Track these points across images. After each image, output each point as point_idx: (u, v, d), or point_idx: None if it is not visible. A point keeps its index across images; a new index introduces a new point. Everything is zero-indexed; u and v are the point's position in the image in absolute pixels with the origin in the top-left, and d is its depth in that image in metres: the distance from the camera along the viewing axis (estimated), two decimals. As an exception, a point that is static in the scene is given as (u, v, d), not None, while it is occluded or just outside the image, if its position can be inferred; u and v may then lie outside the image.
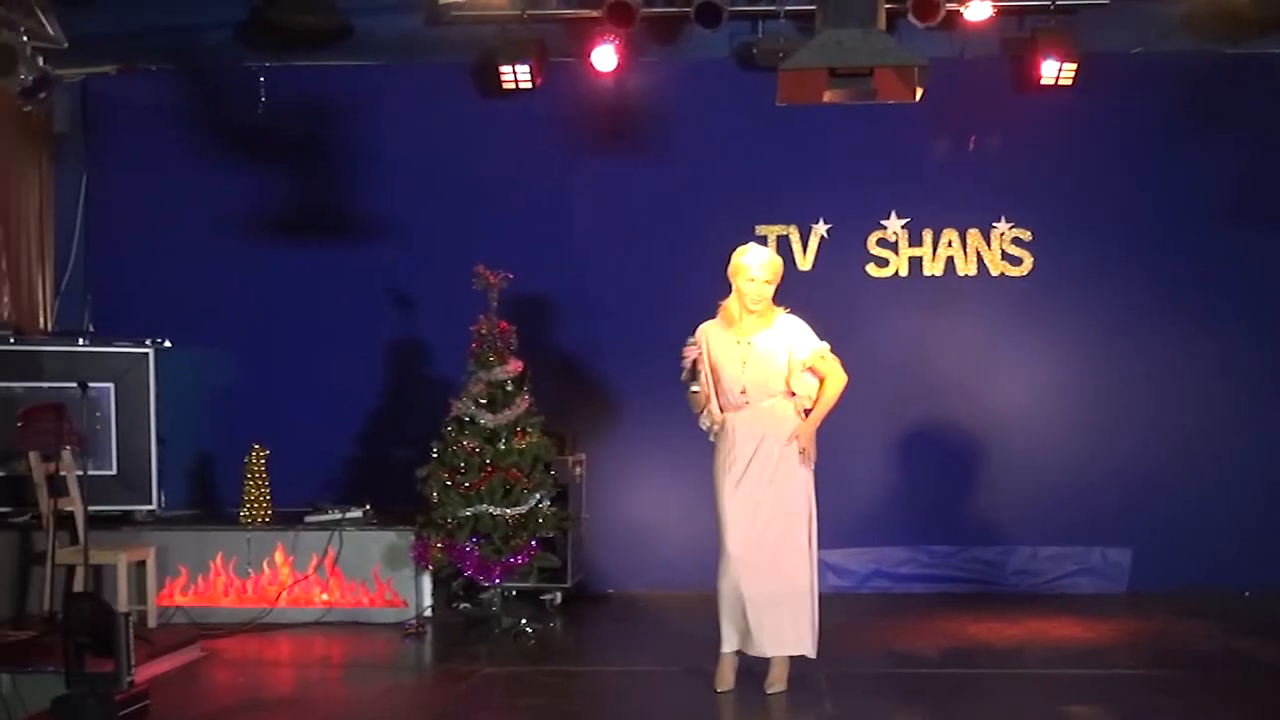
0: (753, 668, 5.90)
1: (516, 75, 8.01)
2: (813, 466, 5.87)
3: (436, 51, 8.31)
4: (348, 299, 8.47)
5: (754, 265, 5.83)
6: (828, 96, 5.84)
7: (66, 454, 6.89)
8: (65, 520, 6.95)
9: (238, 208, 8.50)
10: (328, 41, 8.05)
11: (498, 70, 8.04)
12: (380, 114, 8.43)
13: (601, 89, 8.28)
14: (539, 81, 8.12)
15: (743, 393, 5.83)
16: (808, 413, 5.89)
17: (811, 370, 5.89)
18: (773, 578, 5.76)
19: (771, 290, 5.86)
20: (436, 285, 8.15)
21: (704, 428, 5.97)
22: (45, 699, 5.50)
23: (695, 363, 5.81)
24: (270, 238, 8.46)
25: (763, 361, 5.83)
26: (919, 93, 5.88)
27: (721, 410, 5.90)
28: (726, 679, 5.89)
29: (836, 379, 5.89)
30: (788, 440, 5.81)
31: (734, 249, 5.93)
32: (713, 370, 5.89)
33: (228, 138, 8.49)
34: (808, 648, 5.82)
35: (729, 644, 5.87)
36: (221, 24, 8.10)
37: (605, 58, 8.00)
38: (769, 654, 5.82)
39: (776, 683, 5.84)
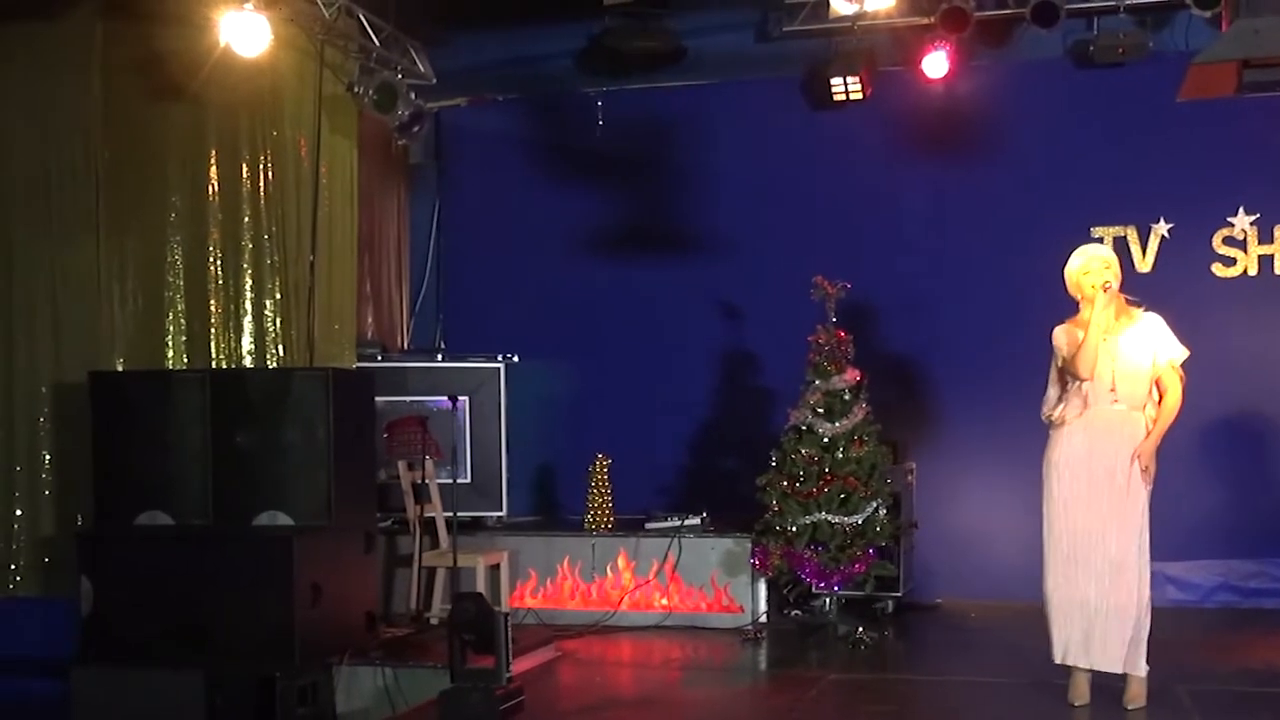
0: (1107, 684, 5.73)
1: (847, 86, 8.06)
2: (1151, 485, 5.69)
3: (766, 67, 8.48)
4: (681, 312, 8.71)
5: (1085, 259, 5.72)
6: (1240, 88, 5.61)
7: (429, 463, 7.39)
8: (427, 525, 7.46)
9: (577, 227, 8.90)
10: (661, 64, 8.33)
11: (828, 83, 8.10)
12: (712, 131, 8.65)
13: (932, 96, 8.23)
14: (869, 92, 8.14)
15: (1112, 390, 5.67)
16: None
17: (1155, 381, 5.73)
18: (1115, 591, 5.59)
19: (1114, 276, 5.69)
20: (765, 297, 8.31)
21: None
22: (425, 693, 5.93)
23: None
24: (608, 255, 8.82)
25: (1129, 359, 5.67)
26: None
27: (1083, 406, 5.75)
28: (1082, 693, 5.76)
29: (1177, 394, 5.70)
30: (1130, 459, 5.64)
31: (1070, 252, 5.80)
32: (1071, 369, 5.78)
33: (568, 161, 8.89)
34: (1140, 665, 5.63)
35: (1060, 654, 5.73)
36: (563, 54, 8.53)
37: (936, 64, 7.94)
38: (1106, 669, 5.66)
39: (1135, 699, 5.66)
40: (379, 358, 8.17)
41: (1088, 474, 5.68)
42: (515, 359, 8.18)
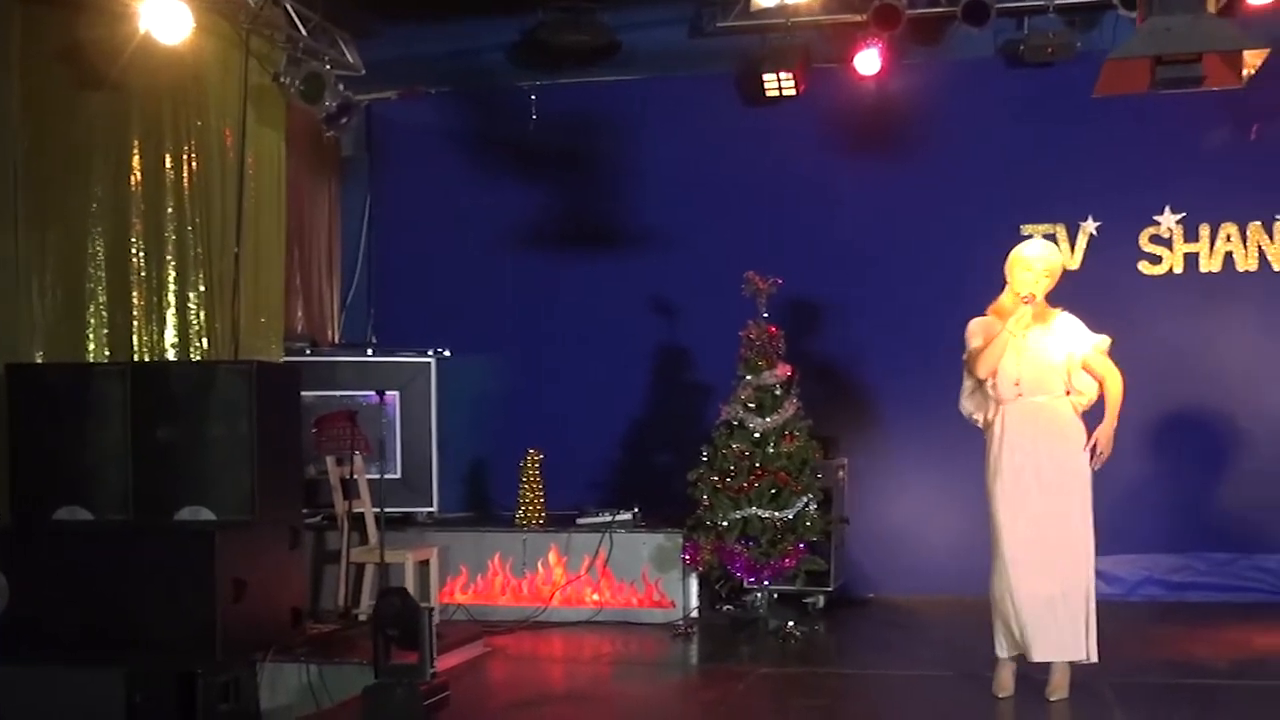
0: (1030, 674, 5.79)
1: (780, 83, 8.08)
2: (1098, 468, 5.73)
3: (700, 63, 8.48)
4: (615, 307, 8.70)
5: (1033, 257, 5.76)
6: (1151, 86, 5.68)
7: (358, 459, 7.31)
8: (356, 521, 7.38)
9: (511, 222, 8.85)
10: (595, 58, 8.31)
11: (761, 79, 8.12)
12: (646, 126, 8.63)
13: (864, 93, 8.28)
14: (802, 88, 8.16)
15: (1016, 384, 5.74)
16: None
17: (1087, 369, 5.78)
18: (1050, 581, 5.64)
19: (1047, 286, 5.76)
20: (699, 292, 8.31)
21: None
22: (350, 689, 5.85)
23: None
24: (541, 250, 8.79)
25: (1039, 357, 5.74)
26: (1247, 75, 5.66)
27: (997, 403, 5.82)
28: (1006, 685, 5.80)
29: (1116, 376, 5.78)
30: (1086, 447, 5.70)
31: (1000, 249, 5.86)
32: (970, 363, 5.83)
33: (501, 155, 8.84)
34: (1089, 652, 5.69)
35: (1004, 649, 5.79)
36: (495, 47, 8.49)
37: (869, 62, 7.99)
38: (1047, 659, 5.71)
39: (1058, 690, 5.71)
40: (308, 351, 8.08)
41: (1016, 470, 5.73)
42: (447, 353, 8.13)
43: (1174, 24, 5.38)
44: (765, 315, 7.34)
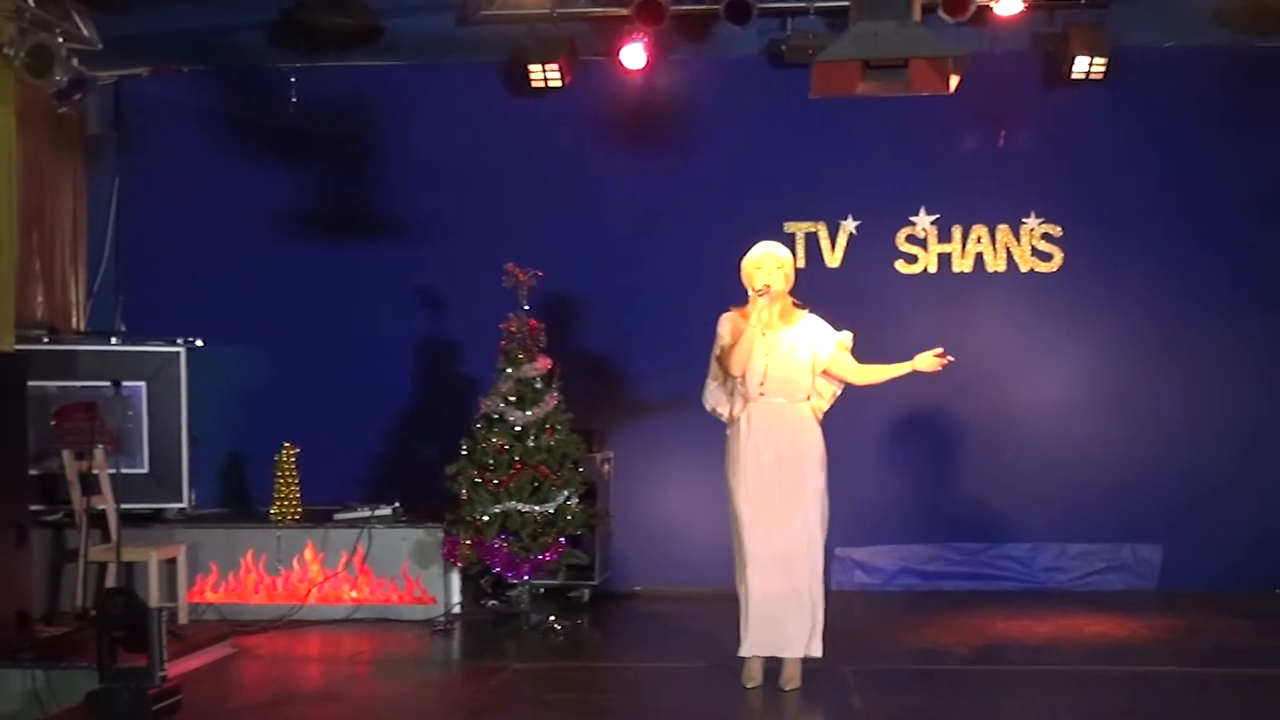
0: (774, 665, 5.90)
1: (546, 74, 8.04)
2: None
3: (466, 51, 8.35)
4: (378, 297, 8.52)
5: (759, 256, 5.89)
6: (861, 89, 5.82)
7: (99, 452, 6.95)
8: (97, 518, 7.03)
9: (270, 207, 8.56)
10: (358, 42, 8.09)
11: (527, 70, 8.07)
12: (410, 114, 8.48)
13: (631, 87, 8.31)
14: (568, 80, 8.15)
15: (762, 384, 5.83)
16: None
17: (830, 374, 5.92)
18: (784, 579, 5.76)
19: (782, 280, 5.86)
20: (467, 283, 8.18)
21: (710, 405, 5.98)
22: (78, 695, 5.57)
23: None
24: (302, 237, 8.53)
25: (788, 358, 5.85)
26: (954, 83, 5.86)
27: (744, 401, 5.89)
28: (755, 675, 5.90)
29: (860, 369, 5.95)
30: (800, 449, 5.81)
31: (759, 245, 5.97)
32: (724, 361, 5.91)
33: (259, 138, 8.55)
34: (816, 648, 5.81)
35: (749, 648, 5.88)
36: (253, 25, 8.16)
37: (635, 56, 8.01)
38: (782, 655, 5.83)
39: (791, 680, 5.85)
40: (45, 340, 7.64)
41: (758, 467, 5.82)
42: (199, 343, 7.80)
43: (881, 29, 5.57)
44: (526, 308, 7.29)
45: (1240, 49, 8.07)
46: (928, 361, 5.84)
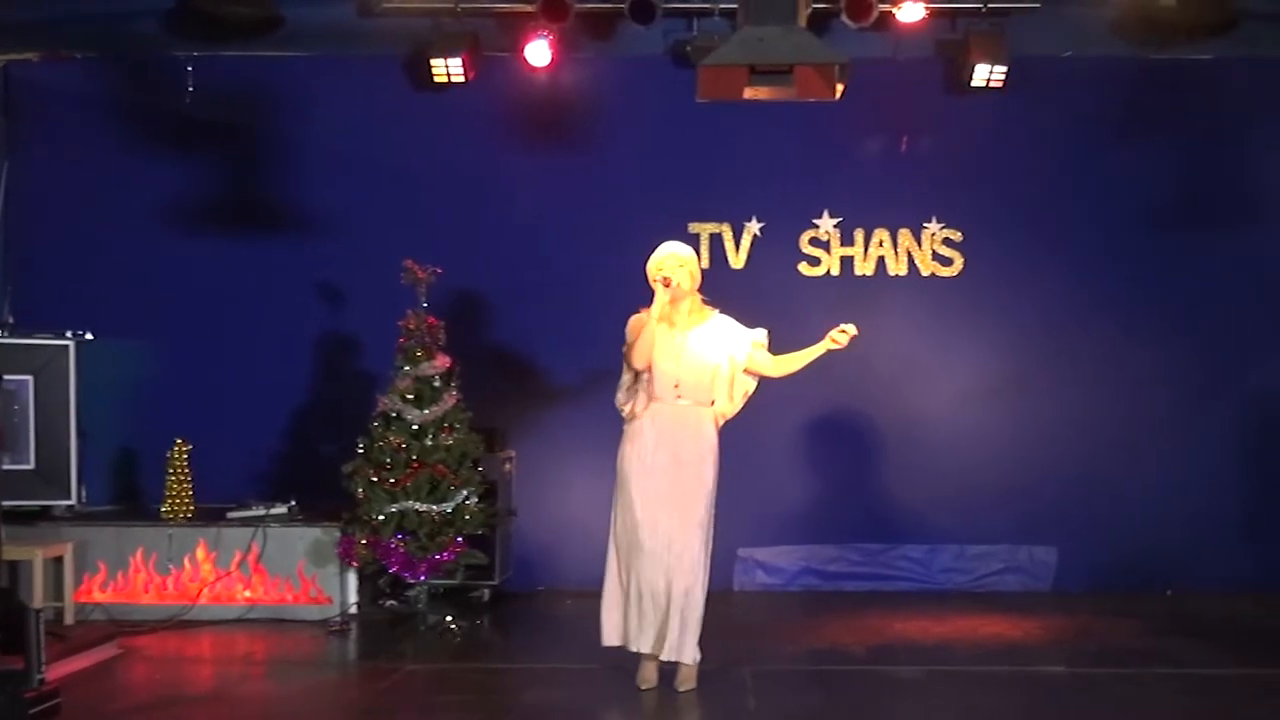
0: (670, 666, 5.88)
1: (449, 69, 7.96)
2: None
3: (368, 43, 8.22)
4: (276, 292, 8.36)
5: (661, 256, 5.89)
6: (748, 93, 5.85)
7: (-20, 448, 6.79)
8: (-20, 515, 6.84)
9: (164, 198, 8.37)
10: (258, 31, 7.93)
11: (429, 64, 7.98)
12: (311, 106, 8.33)
13: (536, 84, 8.25)
14: (472, 75, 8.08)
15: (676, 385, 5.82)
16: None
17: (751, 371, 5.95)
18: (671, 580, 5.74)
19: (687, 275, 5.86)
20: (367, 279, 8.05)
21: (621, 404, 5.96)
22: (-47, 697, 5.42)
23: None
24: (197, 229, 8.34)
25: (698, 360, 5.85)
26: (840, 90, 5.89)
27: (649, 400, 5.87)
28: (649, 677, 5.89)
29: (777, 362, 5.98)
30: (696, 452, 5.81)
31: (665, 245, 5.96)
32: (628, 356, 5.90)
33: (154, 128, 8.35)
34: (689, 654, 5.78)
35: (616, 639, 5.89)
36: (149, 11, 7.96)
37: (539, 53, 7.97)
38: (663, 656, 5.82)
39: (685, 681, 5.84)
40: (-74, 332, 7.43)
41: (655, 467, 5.82)
42: (89, 336, 7.60)
43: (767, 34, 5.60)
44: (425, 305, 7.21)
45: (1136, 61, 8.23)
46: (835, 338, 5.84)
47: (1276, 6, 7.90)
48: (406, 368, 7.18)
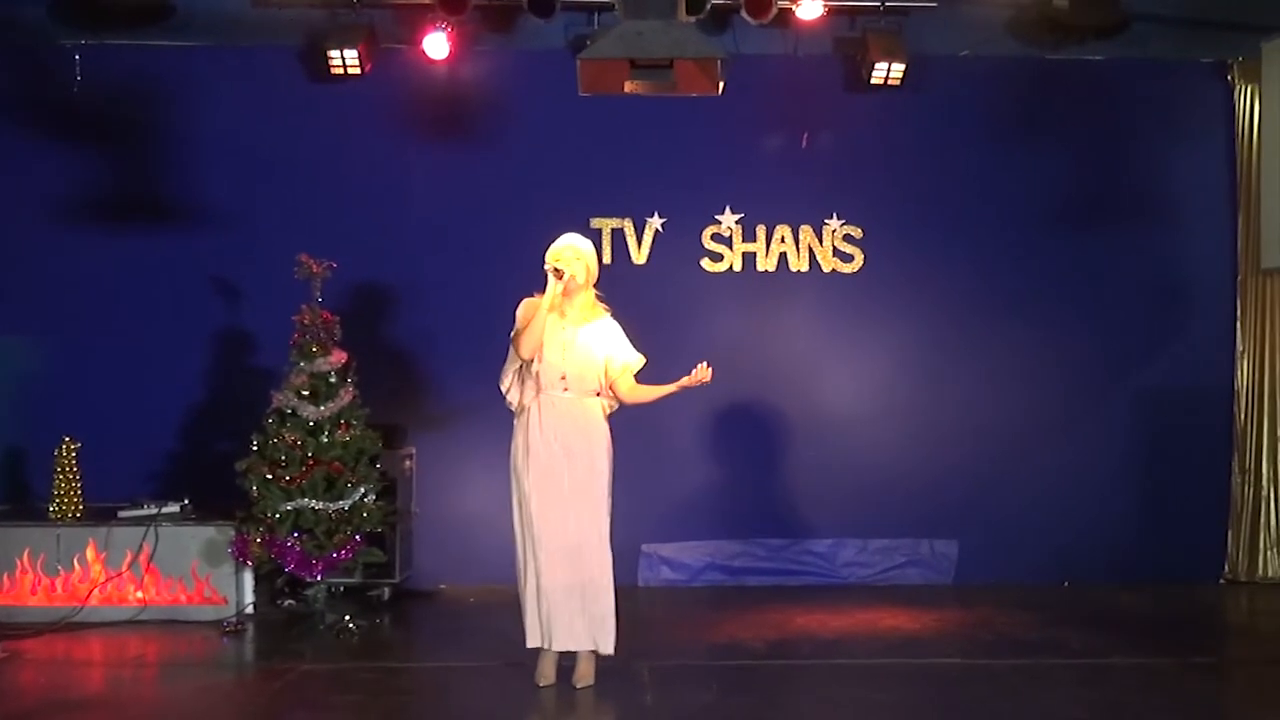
0: (569, 663, 5.87)
1: (345, 60, 7.84)
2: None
3: (262, 34, 8.06)
4: (168, 287, 8.17)
5: (559, 247, 5.89)
6: (629, 87, 5.84)
7: None
8: None
9: (51, 192, 8.13)
10: (147, 20, 7.77)
11: (325, 55, 7.85)
12: (203, 97, 8.14)
13: (434, 77, 8.16)
14: (368, 67, 7.96)
15: (562, 378, 5.82)
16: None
17: (613, 387, 5.93)
18: (574, 573, 5.75)
19: (583, 268, 5.85)
20: (262, 274, 7.88)
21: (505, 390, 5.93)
22: None
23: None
24: (85, 223, 8.12)
25: (584, 354, 5.85)
26: (721, 85, 5.89)
27: (536, 391, 5.83)
28: (548, 674, 5.86)
29: (639, 391, 5.95)
30: (588, 442, 5.80)
31: (567, 239, 5.95)
32: (515, 342, 5.88)
33: (40, 119, 8.11)
34: (607, 645, 5.80)
35: (536, 639, 5.85)
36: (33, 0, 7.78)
37: (437, 45, 7.89)
38: (567, 649, 5.81)
39: (584, 678, 5.83)
40: None
41: (548, 458, 5.79)
42: (-29, 332, 7.41)
43: (646, 29, 5.59)
44: (321, 300, 7.10)
45: (1032, 60, 8.34)
46: (693, 378, 5.83)
47: (1165, 8, 8.08)
48: (302, 363, 7.06)
